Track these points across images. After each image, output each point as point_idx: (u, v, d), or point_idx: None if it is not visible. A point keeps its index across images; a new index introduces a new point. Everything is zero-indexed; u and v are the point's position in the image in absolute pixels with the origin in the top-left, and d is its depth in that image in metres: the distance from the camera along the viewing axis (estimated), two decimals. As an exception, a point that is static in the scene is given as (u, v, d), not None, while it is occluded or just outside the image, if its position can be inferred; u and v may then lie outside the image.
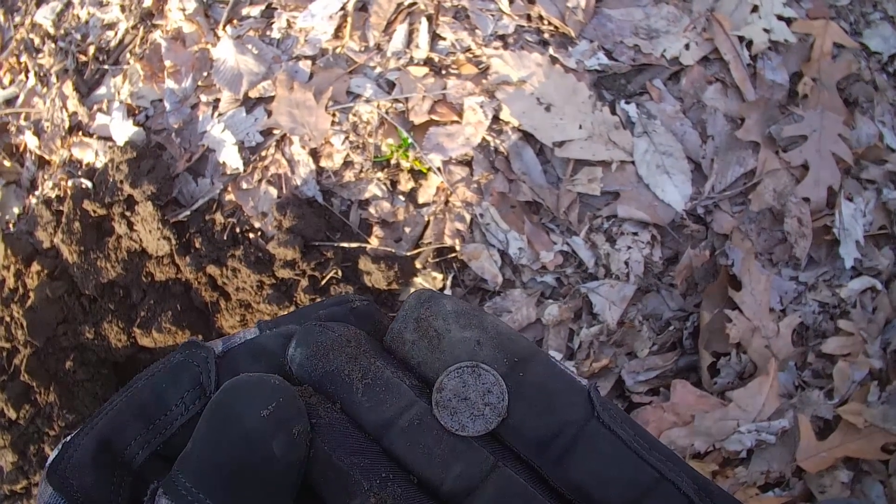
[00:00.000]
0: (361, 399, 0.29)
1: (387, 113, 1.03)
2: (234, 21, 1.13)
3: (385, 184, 1.03)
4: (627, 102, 1.04)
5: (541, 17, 1.07)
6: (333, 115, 1.04)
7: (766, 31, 1.09)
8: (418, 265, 1.00)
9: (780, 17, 1.10)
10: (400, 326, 0.31)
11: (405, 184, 1.02)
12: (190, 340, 0.32)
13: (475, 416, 0.29)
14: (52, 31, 1.25)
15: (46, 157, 1.20)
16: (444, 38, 1.06)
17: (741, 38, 1.08)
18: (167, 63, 1.13)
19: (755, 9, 1.10)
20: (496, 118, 1.02)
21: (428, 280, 1.00)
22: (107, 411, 0.30)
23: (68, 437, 0.30)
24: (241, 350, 0.31)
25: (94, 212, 1.10)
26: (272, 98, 1.07)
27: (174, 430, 0.29)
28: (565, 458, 0.28)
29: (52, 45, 1.23)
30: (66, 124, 1.18)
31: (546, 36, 1.06)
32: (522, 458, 0.29)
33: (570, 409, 0.29)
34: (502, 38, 1.05)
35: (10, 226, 1.21)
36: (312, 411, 0.29)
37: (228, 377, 0.29)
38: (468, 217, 1.00)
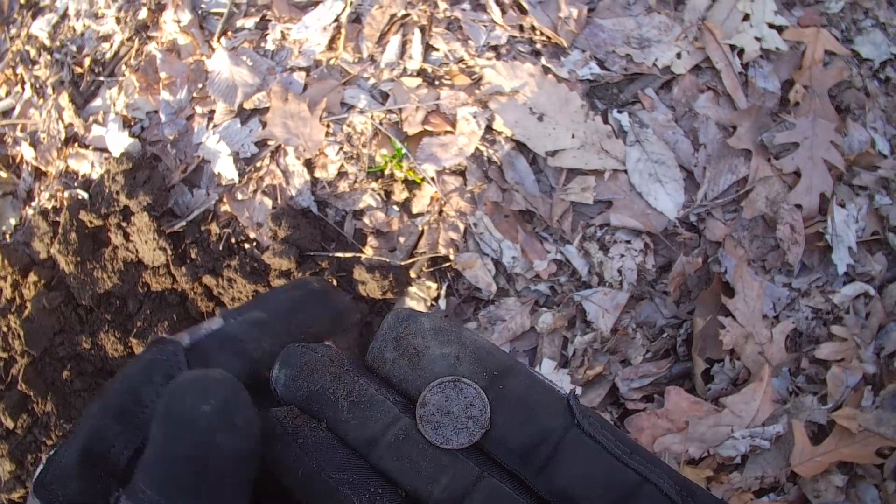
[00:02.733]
0: (347, 416, 0.30)
1: (381, 124, 1.04)
2: (229, 33, 1.14)
3: (379, 194, 1.03)
4: (620, 111, 1.04)
5: (533, 28, 1.07)
6: (328, 126, 1.05)
7: (757, 39, 1.09)
8: (413, 274, 1.01)
9: (771, 26, 1.10)
10: (380, 346, 0.31)
11: (399, 194, 1.03)
12: (157, 337, 0.31)
13: (459, 430, 0.30)
14: (47, 42, 1.25)
15: (43, 169, 1.20)
16: (437, 49, 1.07)
17: (733, 47, 1.09)
18: (162, 75, 1.14)
19: (746, 17, 1.10)
20: (489, 128, 1.03)
21: (422, 289, 1.00)
22: (87, 420, 0.30)
23: (52, 452, 0.30)
24: (207, 341, 0.32)
25: (91, 222, 1.11)
26: (267, 109, 1.08)
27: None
28: (548, 466, 0.29)
29: (48, 57, 1.23)
30: (63, 136, 1.18)
31: (538, 46, 1.07)
32: (507, 468, 0.30)
33: (550, 418, 0.29)
34: (495, 48, 1.06)
35: (7, 237, 1.21)
36: (299, 431, 0.30)
37: (199, 367, 0.29)
38: (462, 226, 1.00)
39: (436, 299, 1.00)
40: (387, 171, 1.04)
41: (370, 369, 0.32)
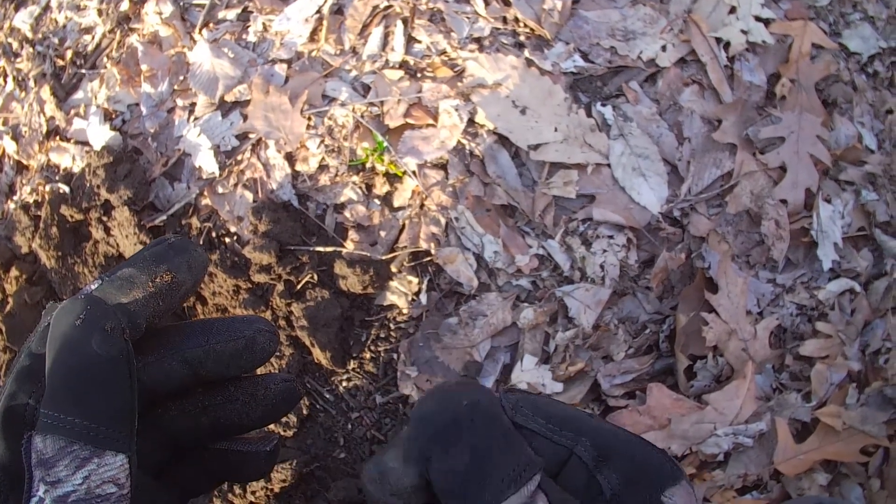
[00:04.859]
0: None
1: (362, 116, 1.03)
2: (211, 25, 1.13)
3: (360, 187, 1.02)
4: (603, 105, 1.03)
5: (516, 20, 1.06)
6: (309, 118, 1.04)
7: (743, 32, 1.08)
8: (394, 269, 1.00)
9: (758, 18, 1.09)
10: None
11: (380, 187, 1.02)
12: (49, 305, 0.36)
13: None
14: (30, 35, 1.24)
15: (24, 162, 1.20)
16: (419, 41, 1.06)
17: (718, 40, 1.08)
18: (144, 67, 1.13)
19: (733, 10, 1.09)
20: (471, 121, 1.02)
21: (403, 284, 0.99)
22: (1, 389, 0.34)
23: None
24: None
25: (72, 217, 1.10)
26: (248, 102, 1.07)
27: None
28: None
29: (31, 50, 1.22)
30: (44, 129, 1.17)
31: (522, 38, 1.06)
32: None
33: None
34: (478, 40, 1.05)
35: (-11, 231, 1.20)
36: None
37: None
38: (443, 221, 0.99)
39: (417, 294, 0.99)
40: (368, 165, 1.03)
41: None
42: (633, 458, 0.33)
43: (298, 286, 1.00)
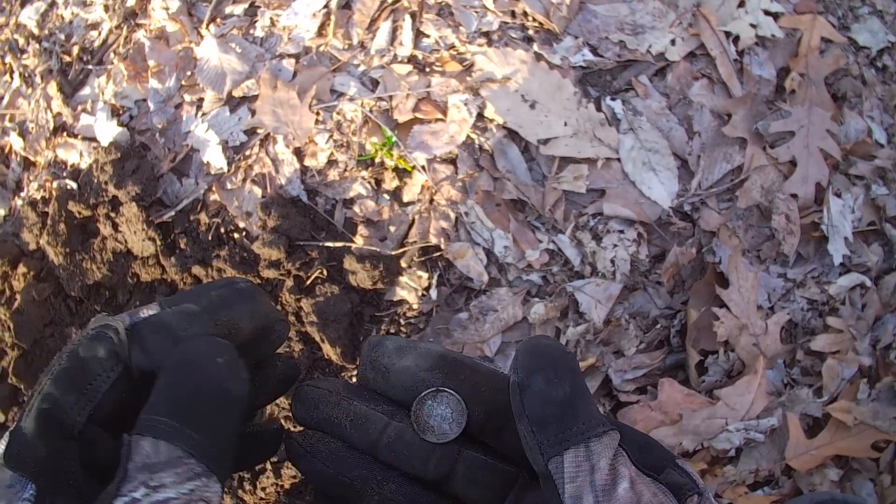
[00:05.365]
0: (350, 432, 0.40)
1: (371, 111, 1.03)
2: (218, 20, 1.13)
3: (369, 182, 1.02)
4: (613, 99, 1.03)
5: (525, 14, 1.06)
6: (317, 113, 1.04)
7: (752, 26, 1.08)
8: (403, 264, 1.00)
9: (767, 12, 1.09)
10: (362, 368, 0.42)
11: (390, 182, 1.02)
12: (99, 315, 0.37)
13: (443, 432, 0.39)
14: (36, 31, 1.24)
15: (31, 159, 1.19)
16: (427, 36, 1.05)
17: (728, 34, 1.07)
18: (151, 63, 1.12)
19: (742, 3, 1.09)
20: (480, 116, 1.01)
21: (413, 279, 0.99)
22: (40, 392, 0.34)
23: (12, 427, 0.34)
24: (145, 325, 0.37)
25: (80, 213, 1.10)
26: (256, 97, 1.06)
27: (101, 394, 0.34)
28: (502, 429, 0.39)
29: (37, 46, 1.22)
30: (51, 125, 1.17)
31: (530, 32, 1.06)
32: (475, 438, 0.40)
33: (496, 396, 0.39)
34: (486, 34, 1.05)
35: (-4, 228, 1.20)
36: (315, 448, 0.39)
37: (136, 347, 0.35)
38: (453, 215, 0.99)
39: (427, 289, 0.99)
40: (377, 160, 1.02)
41: (362, 386, 0.42)
42: (636, 434, 0.40)
43: (308, 282, 1.00)
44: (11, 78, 1.25)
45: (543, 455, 0.33)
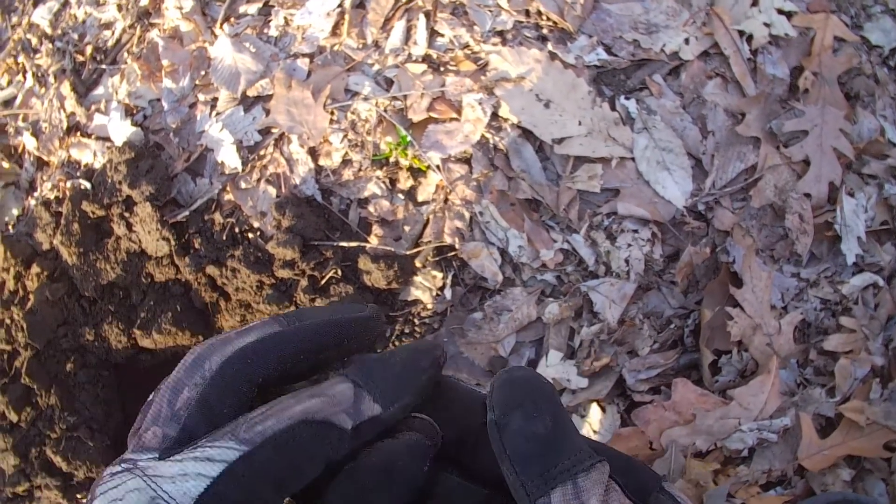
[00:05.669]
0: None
1: (385, 111, 1.03)
2: (232, 19, 1.13)
3: (384, 182, 1.02)
4: (627, 98, 1.03)
5: (539, 13, 1.06)
6: (332, 113, 1.04)
7: (766, 25, 1.08)
8: (418, 264, 1.00)
9: (780, 11, 1.09)
10: None
11: (404, 182, 1.02)
12: (317, 417, 0.33)
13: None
14: (49, 31, 1.24)
15: (45, 159, 1.20)
16: (442, 35, 1.06)
17: (741, 33, 1.07)
18: (164, 62, 1.12)
19: (755, 3, 1.09)
20: (495, 115, 1.01)
21: (428, 279, 0.99)
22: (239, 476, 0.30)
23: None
24: (367, 426, 0.34)
25: (93, 213, 1.10)
26: (270, 97, 1.07)
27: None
28: (477, 448, 0.37)
29: (50, 46, 1.22)
30: (65, 125, 1.17)
31: (545, 31, 1.06)
32: (451, 457, 0.38)
33: (472, 417, 0.37)
34: (500, 34, 1.05)
35: (10, 227, 1.21)
36: None
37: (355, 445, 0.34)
38: (468, 215, 0.99)
39: (441, 289, 0.99)
40: (391, 159, 1.02)
41: None
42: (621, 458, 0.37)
43: (322, 282, 1.00)
44: (25, 78, 1.25)
45: (530, 496, 0.31)
